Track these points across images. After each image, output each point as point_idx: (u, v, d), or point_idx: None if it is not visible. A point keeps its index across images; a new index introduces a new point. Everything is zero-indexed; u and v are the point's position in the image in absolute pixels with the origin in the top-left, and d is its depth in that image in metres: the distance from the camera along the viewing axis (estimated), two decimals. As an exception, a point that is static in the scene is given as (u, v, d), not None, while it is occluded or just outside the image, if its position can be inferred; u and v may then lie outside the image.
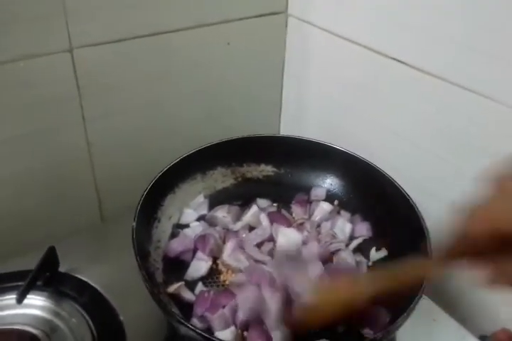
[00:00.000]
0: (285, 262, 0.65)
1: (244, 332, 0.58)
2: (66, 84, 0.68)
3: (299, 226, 0.73)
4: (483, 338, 0.64)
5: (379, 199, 0.70)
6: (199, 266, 0.67)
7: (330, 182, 0.77)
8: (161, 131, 0.81)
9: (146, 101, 0.77)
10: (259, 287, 0.61)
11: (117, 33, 0.68)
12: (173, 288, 0.62)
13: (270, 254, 0.68)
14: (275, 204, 0.77)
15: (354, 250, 0.69)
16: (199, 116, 0.84)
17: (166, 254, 0.67)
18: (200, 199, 0.75)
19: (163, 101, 0.79)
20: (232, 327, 0.58)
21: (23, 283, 0.62)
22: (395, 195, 0.67)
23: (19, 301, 0.61)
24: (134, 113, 0.77)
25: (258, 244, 0.70)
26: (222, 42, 0.81)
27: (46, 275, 0.66)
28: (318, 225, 0.73)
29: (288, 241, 0.68)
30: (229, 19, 0.79)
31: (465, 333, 0.67)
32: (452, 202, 0.37)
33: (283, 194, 0.77)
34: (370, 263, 0.69)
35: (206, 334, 0.50)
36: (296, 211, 0.75)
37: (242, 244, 0.69)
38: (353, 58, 0.78)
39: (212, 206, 0.75)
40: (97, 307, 0.65)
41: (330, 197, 0.76)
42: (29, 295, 0.62)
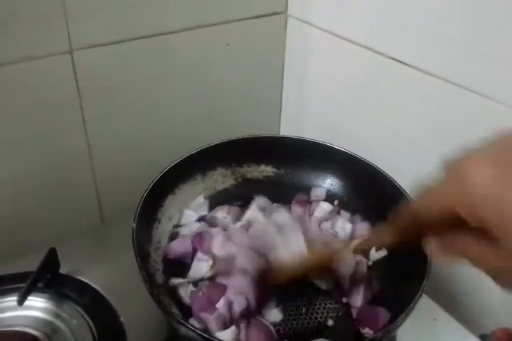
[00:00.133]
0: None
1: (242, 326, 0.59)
2: (66, 86, 0.68)
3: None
4: (483, 337, 0.64)
5: (379, 200, 0.70)
6: (200, 266, 0.67)
7: (330, 183, 0.77)
8: (161, 132, 0.81)
9: (146, 103, 0.77)
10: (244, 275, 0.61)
11: (117, 34, 0.69)
12: (176, 282, 0.63)
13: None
14: (275, 204, 0.76)
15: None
16: (199, 117, 0.84)
17: (166, 255, 0.68)
18: (201, 200, 0.75)
19: (164, 102, 0.79)
20: (232, 327, 0.57)
21: (24, 284, 0.62)
22: (395, 195, 0.67)
23: (20, 303, 0.61)
24: (134, 114, 0.77)
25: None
26: (221, 43, 0.81)
27: (47, 277, 0.67)
28: (319, 225, 0.73)
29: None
30: (228, 20, 0.79)
31: (465, 332, 0.67)
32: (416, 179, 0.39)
33: (283, 194, 0.77)
34: (370, 262, 0.68)
35: (206, 335, 0.50)
36: (296, 211, 0.75)
37: (230, 236, 0.68)
38: (353, 58, 0.78)
39: (212, 207, 0.75)
40: (98, 308, 0.65)
41: (330, 197, 0.76)
42: (30, 297, 0.63)
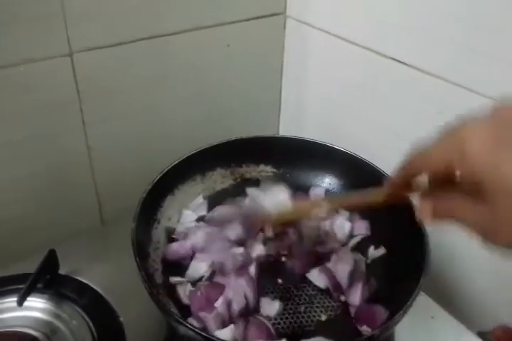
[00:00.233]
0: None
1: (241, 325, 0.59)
2: (66, 88, 0.68)
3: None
4: (482, 335, 0.64)
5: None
6: (198, 266, 0.66)
7: (329, 182, 0.77)
8: (160, 133, 0.81)
9: (145, 105, 0.77)
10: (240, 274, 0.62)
11: (116, 36, 0.69)
12: (175, 280, 0.63)
13: None
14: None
15: (352, 248, 0.69)
16: (199, 118, 0.85)
17: (166, 256, 0.67)
18: (200, 200, 0.75)
19: (163, 103, 0.80)
20: (231, 326, 0.57)
21: (23, 285, 0.62)
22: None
23: (20, 304, 0.61)
24: (134, 116, 0.77)
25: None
26: (221, 44, 0.81)
27: (46, 278, 0.67)
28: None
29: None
30: (228, 21, 0.79)
31: (463, 330, 0.67)
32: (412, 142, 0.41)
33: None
34: (368, 261, 0.68)
35: (205, 334, 0.50)
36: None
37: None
38: (351, 59, 0.78)
39: (211, 207, 0.75)
40: (97, 308, 0.66)
41: (329, 196, 0.76)
42: (30, 298, 0.63)
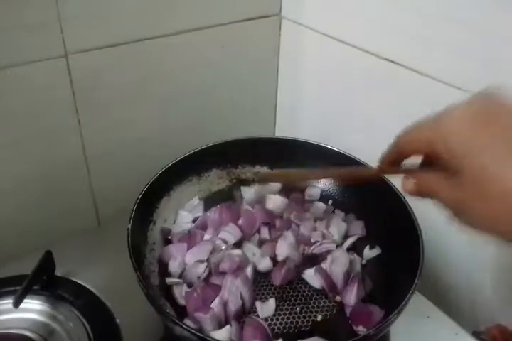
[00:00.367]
0: None
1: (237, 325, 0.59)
2: (61, 90, 0.68)
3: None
4: (477, 334, 0.64)
5: (373, 199, 0.70)
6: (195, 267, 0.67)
7: (324, 182, 0.78)
8: (156, 135, 0.81)
9: (140, 106, 0.77)
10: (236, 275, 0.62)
11: (112, 37, 0.69)
12: (171, 281, 0.63)
13: None
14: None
15: (348, 248, 0.69)
16: (194, 119, 0.85)
17: (162, 258, 0.68)
18: (195, 201, 0.75)
19: (158, 105, 0.80)
20: (227, 326, 0.58)
21: (19, 287, 0.62)
22: (389, 195, 0.67)
23: (16, 305, 0.61)
24: (129, 117, 0.77)
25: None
26: (216, 45, 0.81)
27: (43, 279, 0.67)
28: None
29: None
30: (223, 22, 0.79)
31: (458, 329, 0.67)
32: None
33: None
34: (364, 261, 0.69)
35: (200, 334, 0.50)
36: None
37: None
38: (346, 59, 0.79)
39: (207, 208, 0.75)
40: (94, 310, 0.66)
41: (324, 197, 0.77)
42: (26, 300, 0.62)
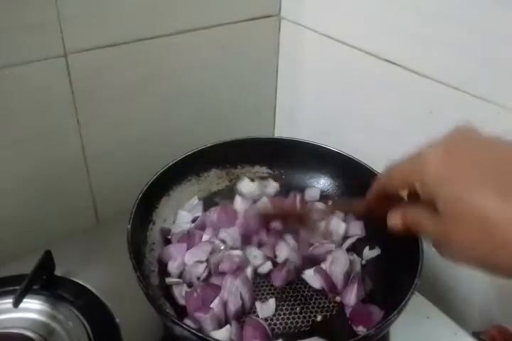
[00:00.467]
0: None
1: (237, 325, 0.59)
2: (60, 89, 0.68)
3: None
4: (476, 334, 0.64)
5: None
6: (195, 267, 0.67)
7: (324, 183, 0.78)
8: (156, 135, 0.82)
9: (140, 106, 0.77)
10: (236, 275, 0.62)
11: (111, 37, 0.69)
12: (170, 281, 0.63)
13: None
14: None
15: (348, 249, 0.69)
16: (194, 119, 0.85)
17: (161, 259, 0.68)
18: (195, 201, 0.75)
19: (157, 105, 0.80)
20: (227, 326, 0.58)
21: (19, 287, 0.62)
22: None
23: (16, 305, 0.61)
24: (129, 116, 0.77)
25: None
26: (216, 45, 0.81)
27: (42, 279, 0.67)
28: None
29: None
30: (222, 23, 0.79)
31: (458, 330, 0.67)
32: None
33: (277, 195, 0.78)
34: (363, 261, 0.69)
35: (200, 334, 0.50)
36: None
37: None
38: (345, 60, 0.79)
39: (206, 208, 0.75)
40: (94, 310, 0.66)
41: (324, 198, 0.76)
42: (26, 299, 0.62)
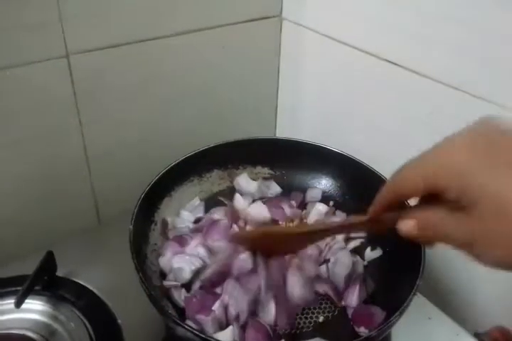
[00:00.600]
0: None
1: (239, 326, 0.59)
2: (62, 90, 0.68)
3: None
4: (478, 336, 0.64)
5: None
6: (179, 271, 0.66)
7: (325, 184, 0.78)
8: (157, 136, 0.82)
9: (141, 107, 0.77)
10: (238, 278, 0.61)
11: (113, 38, 0.69)
12: (168, 284, 0.63)
13: None
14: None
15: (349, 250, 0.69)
16: (195, 120, 0.85)
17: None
18: (196, 201, 0.75)
19: (159, 106, 0.80)
20: (230, 327, 0.57)
21: (21, 287, 0.62)
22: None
23: (17, 306, 0.61)
24: (131, 117, 0.77)
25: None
26: (217, 46, 0.81)
27: (44, 280, 0.67)
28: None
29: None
30: (224, 23, 0.79)
31: (459, 331, 0.67)
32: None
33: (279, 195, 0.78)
34: (365, 262, 0.69)
35: (203, 335, 0.50)
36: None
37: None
38: (347, 60, 0.79)
39: (208, 209, 0.75)
40: (95, 310, 0.65)
41: (325, 198, 0.77)
42: (27, 300, 0.62)
